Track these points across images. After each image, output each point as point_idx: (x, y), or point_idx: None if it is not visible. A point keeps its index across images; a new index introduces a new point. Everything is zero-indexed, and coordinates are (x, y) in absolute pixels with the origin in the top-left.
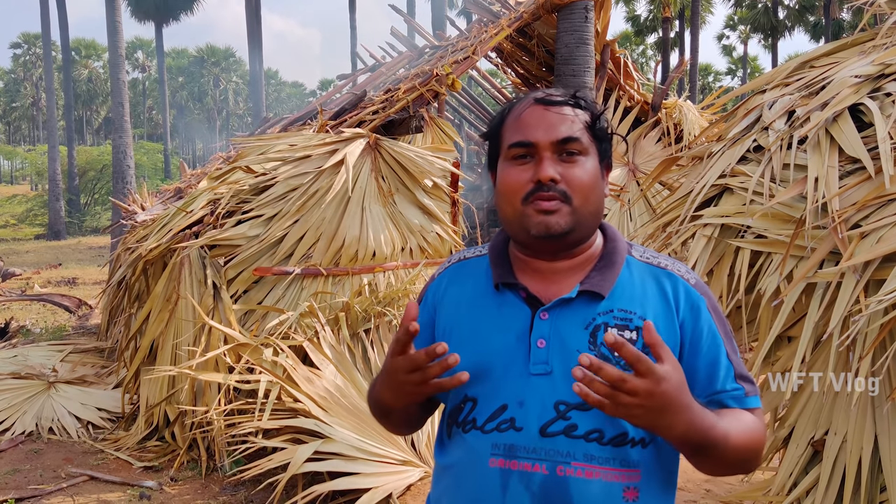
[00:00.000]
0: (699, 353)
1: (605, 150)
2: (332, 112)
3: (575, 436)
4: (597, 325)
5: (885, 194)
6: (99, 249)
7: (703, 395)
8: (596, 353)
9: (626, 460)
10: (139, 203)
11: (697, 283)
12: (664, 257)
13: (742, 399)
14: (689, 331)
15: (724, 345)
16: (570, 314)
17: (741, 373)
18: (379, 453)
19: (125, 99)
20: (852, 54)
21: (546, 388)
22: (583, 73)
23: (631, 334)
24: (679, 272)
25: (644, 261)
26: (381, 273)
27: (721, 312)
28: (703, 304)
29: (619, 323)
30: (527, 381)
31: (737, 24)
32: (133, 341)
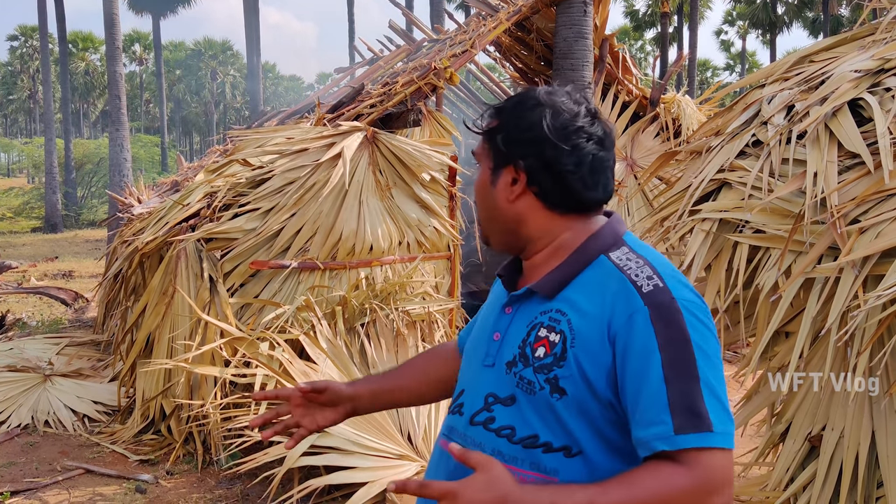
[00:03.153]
0: (626, 372)
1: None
2: (330, 105)
3: (491, 428)
4: (535, 324)
5: (884, 189)
6: (95, 242)
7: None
8: (520, 352)
9: (538, 464)
10: (136, 196)
11: (654, 291)
12: (641, 262)
13: (670, 438)
14: (621, 344)
15: (662, 365)
16: (527, 309)
17: (681, 402)
18: (375, 448)
19: (122, 92)
20: (852, 49)
21: (487, 380)
22: (581, 67)
23: (555, 337)
24: (636, 277)
25: (615, 262)
26: (378, 267)
27: (681, 327)
28: (643, 314)
29: (549, 324)
30: (479, 371)
31: (735, 20)
32: (129, 334)
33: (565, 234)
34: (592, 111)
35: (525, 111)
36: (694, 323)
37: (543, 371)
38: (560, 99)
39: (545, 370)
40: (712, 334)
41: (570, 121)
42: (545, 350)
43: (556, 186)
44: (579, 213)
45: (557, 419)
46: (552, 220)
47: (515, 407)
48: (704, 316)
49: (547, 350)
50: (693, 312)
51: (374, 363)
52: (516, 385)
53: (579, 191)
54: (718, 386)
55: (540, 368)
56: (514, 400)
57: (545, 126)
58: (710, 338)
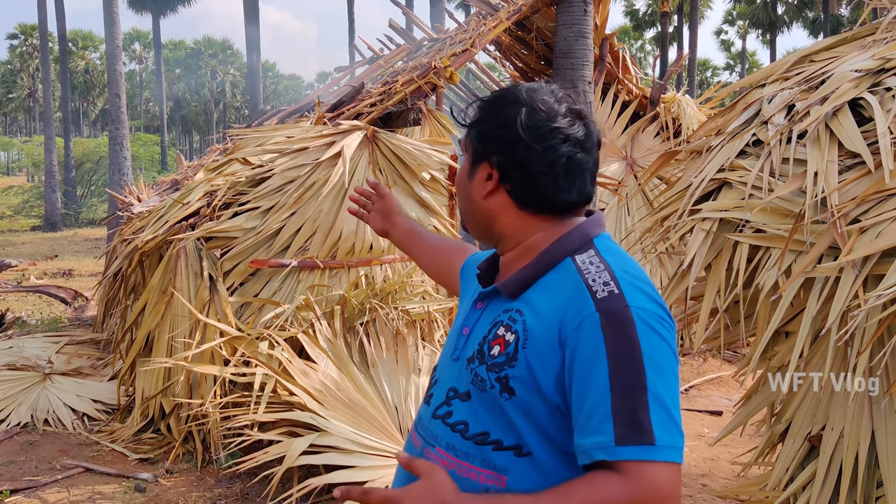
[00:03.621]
0: (573, 378)
1: (474, 148)
2: (330, 104)
3: (447, 423)
4: (496, 322)
5: (884, 189)
6: (95, 241)
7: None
8: (478, 349)
9: (489, 462)
10: (135, 195)
11: (608, 297)
12: (602, 267)
13: (610, 448)
14: (570, 349)
15: (609, 373)
16: (494, 307)
17: (624, 412)
18: (375, 447)
19: (122, 90)
20: (852, 48)
21: (451, 373)
22: (581, 66)
23: (510, 336)
24: (592, 282)
25: (578, 265)
26: (377, 266)
27: (631, 335)
28: (592, 320)
29: (508, 322)
30: (449, 364)
31: (735, 20)
32: (129, 333)
33: (537, 234)
34: (575, 111)
35: (502, 108)
36: (646, 332)
37: (495, 370)
38: (540, 97)
39: (497, 369)
40: (666, 344)
41: (545, 121)
42: (500, 349)
43: (527, 187)
44: (553, 215)
45: (506, 418)
46: (524, 219)
47: (470, 403)
48: (660, 325)
49: (501, 349)
50: (646, 321)
51: (374, 362)
52: (471, 381)
53: (551, 193)
54: (668, 397)
55: (492, 367)
56: (469, 396)
57: (519, 124)
58: (662, 347)
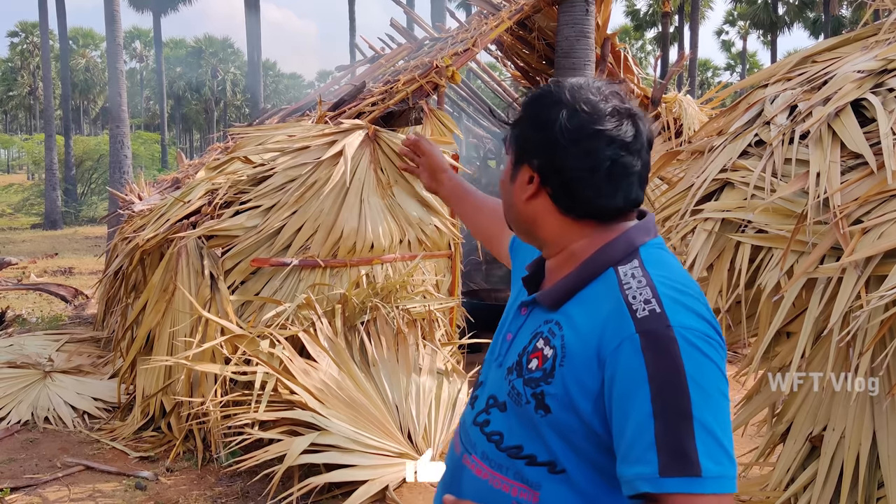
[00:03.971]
0: (613, 402)
1: (516, 149)
2: (331, 103)
3: (485, 431)
4: (537, 333)
5: (887, 190)
6: (95, 239)
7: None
8: (518, 360)
9: (522, 475)
10: (136, 193)
11: (649, 316)
12: (644, 282)
13: (654, 480)
14: (609, 372)
15: (651, 398)
16: (536, 316)
17: (668, 441)
18: (375, 446)
19: (123, 89)
20: (855, 49)
21: (493, 380)
22: (583, 66)
23: (549, 351)
24: (632, 299)
25: (619, 278)
26: (378, 265)
27: (675, 357)
28: (632, 342)
29: (547, 335)
30: (495, 368)
31: (736, 20)
32: (129, 331)
33: (580, 241)
34: (624, 110)
35: (543, 108)
36: (691, 353)
37: (531, 385)
38: (584, 96)
39: (533, 384)
40: (714, 364)
41: (588, 122)
42: (538, 363)
43: (567, 192)
44: (597, 220)
45: (540, 435)
46: (566, 224)
47: (506, 414)
48: (707, 345)
49: (539, 364)
50: (691, 341)
51: (375, 361)
52: (507, 393)
53: (591, 198)
54: (716, 423)
55: (529, 381)
56: (506, 407)
57: (559, 127)
58: (708, 369)
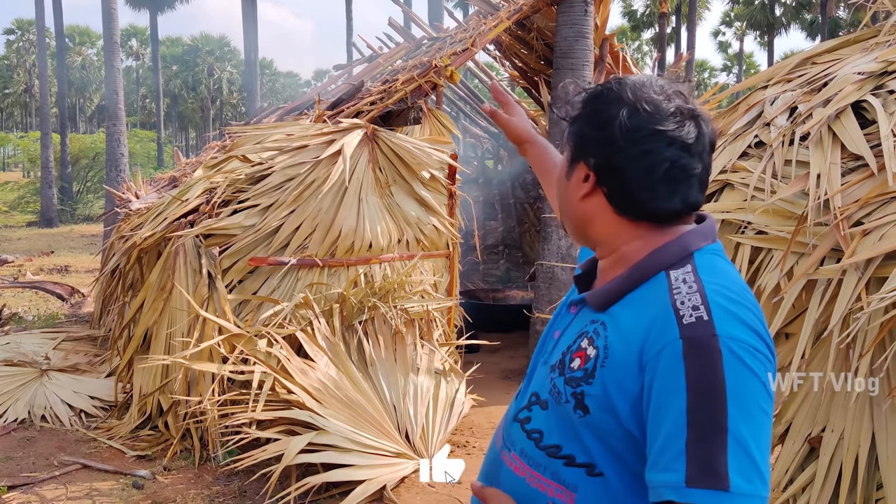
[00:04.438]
0: (650, 407)
1: (572, 147)
2: (329, 102)
3: (525, 428)
4: (582, 333)
5: (887, 192)
6: (91, 237)
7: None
8: (561, 359)
9: (559, 476)
10: (133, 191)
11: (695, 323)
12: (694, 288)
13: (680, 490)
14: (649, 376)
15: (687, 408)
16: (584, 315)
17: (698, 452)
18: (373, 445)
19: (120, 87)
20: (855, 51)
21: (539, 377)
22: (581, 67)
23: (592, 352)
24: (680, 304)
25: (671, 283)
26: (377, 265)
27: (716, 368)
28: (674, 347)
29: (592, 335)
30: (540, 365)
31: (733, 21)
32: (126, 330)
33: (634, 242)
34: (687, 110)
35: (603, 106)
36: (734, 365)
37: (572, 384)
38: (647, 94)
39: (573, 383)
40: (758, 380)
41: (648, 122)
42: (580, 362)
43: (623, 193)
44: (653, 222)
45: (578, 436)
46: (621, 225)
47: (547, 413)
48: (752, 357)
49: (581, 363)
50: (736, 353)
51: (372, 361)
52: (549, 391)
53: (646, 200)
54: (752, 440)
55: (570, 380)
56: (547, 405)
57: (618, 126)
58: (751, 383)
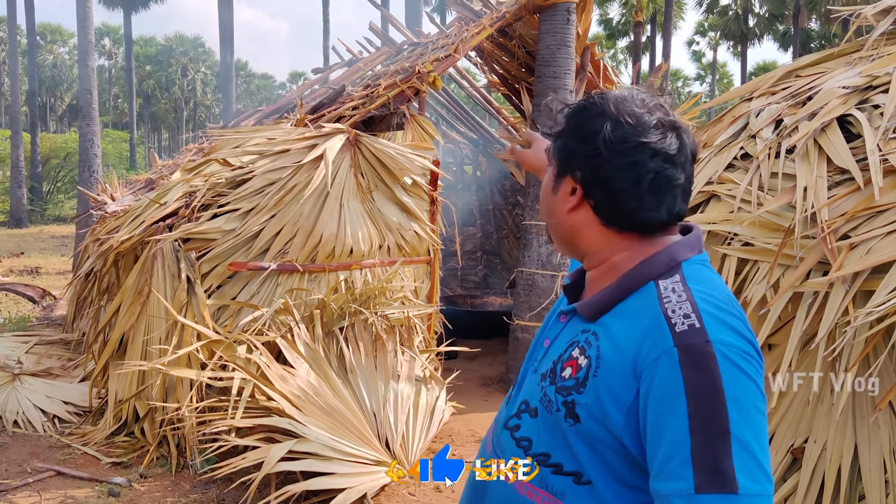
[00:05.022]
0: (648, 416)
1: (557, 161)
2: (311, 106)
3: (515, 436)
4: (573, 342)
5: (874, 206)
6: (62, 238)
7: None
8: (552, 367)
9: (547, 484)
10: (109, 193)
11: (688, 331)
12: (684, 297)
13: (690, 496)
14: (645, 385)
15: (688, 414)
16: (574, 325)
17: (705, 457)
18: (353, 453)
19: (94, 87)
20: (838, 65)
21: (528, 385)
22: (563, 75)
23: (583, 361)
24: (671, 313)
25: (660, 292)
26: (357, 270)
27: (713, 373)
28: (670, 356)
29: (583, 345)
30: (530, 373)
31: (707, 31)
32: (102, 334)
33: (621, 253)
34: (668, 122)
35: (586, 120)
36: (729, 369)
37: (563, 393)
38: (629, 108)
39: (564, 392)
40: (752, 382)
41: (632, 134)
42: (571, 371)
43: (610, 204)
44: (640, 233)
45: (568, 444)
46: (608, 237)
47: (536, 421)
48: (745, 361)
49: (572, 372)
50: (730, 357)
51: (352, 368)
52: (539, 399)
53: (633, 210)
54: (754, 441)
55: (561, 389)
56: (536, 413)
57: (602, 139)
58: (747, 386)
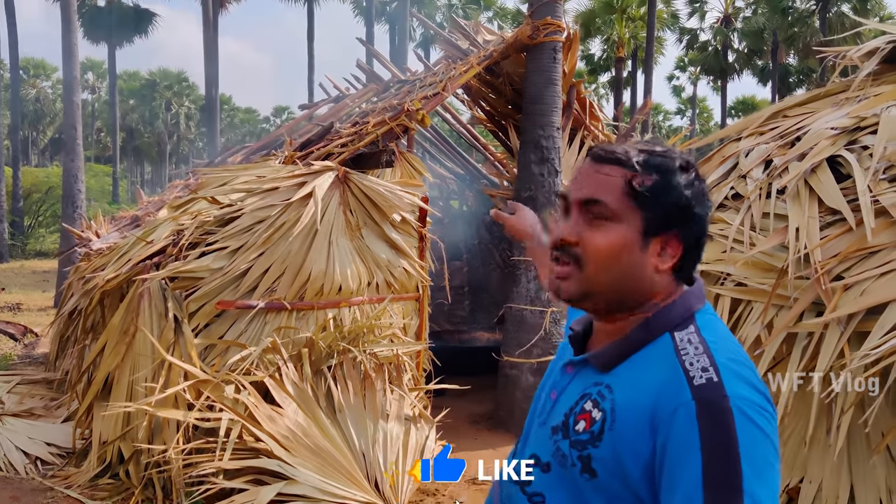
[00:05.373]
0: (664, 469)
1: (657, 219)
2: (299, 143)
3: (526, 491)
4: (585, 394)
5: (866, 247)
6: (44, 274)
7: None
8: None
9: None
10: (94, 230)
11: (706, 385)
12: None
13: None
14: (662, 438)
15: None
16: (585, 375)
17: None
18: (343, 495)
19: (78, 122)
20: (825, 105)
21: (536, 438)
22: (550, 112)
23: (597, 414)
24: (689, 366)
25: (676, 344)
26: (346, 308)
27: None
28: (688, 409)
29: (596, 398)
30: (537, 426)
31: (687, 66)
32: (86, 374)
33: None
34: None
35: (674, 174)
36: (745, 425)
37: (577, 447)
38: (688, 160)
39: (579, 447)
40: (767, 438)
41: (706, 189)
42: (585, 425)
43: (693, 259)
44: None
45: (584, 500)
46: (670, 290)
47: (549, 476)
48: (760, 416)
49: (586, 426)
50: (746, 413)
51: (341, 407)
52: (552, 454)
53: (698, 260)
54: (765, 498)
55: (575, 443)
56: (549, 468)
57: (692, 195)
58: (761, 442)
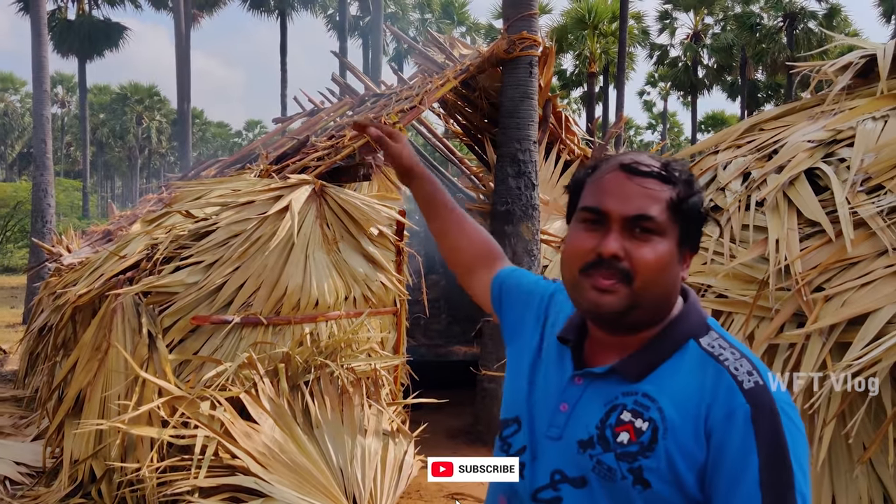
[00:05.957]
0: (720, 472)
1: (688, 232)
2: (275, 156)
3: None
4: (616, 405)
5: (846, 258)
6: (11, 290)
7: None
8: (598, 434)
9: None
10: (65, 245)
11: (756, 388)
12: (737, 354)
13: None
14: (716, 441)
15: (760, 469)
16: (601, 385)
17: None
18: None
19: (48, 136)
20: (801, 118)
21: (552, 453)
22: (526, 126)
23: (642, 424)
24: (735, 371)
25: (706, 349)
26: (323, 322)
27: (780, 431)
28: (743, 412)
29: (635, 408)
30: (547, 441)
31: (657, 81)
32: (57, 391)
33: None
34: None
35: (696, 186)
36: (790, 428)
37: (627, 459)
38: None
39: (629, 459)
40: (804, 438)
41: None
42: (629, 437)
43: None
44: None
45: None
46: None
47: (586, 491)
48: (798, 418)
49: (632, 437)
50: (789, 415)
51: (318, 423)
52: (592, 469)
53: None
54: (809, 493)
55: (623, 456)
56: (586, 483)
57: (703, 206)
58: (803, 444)
